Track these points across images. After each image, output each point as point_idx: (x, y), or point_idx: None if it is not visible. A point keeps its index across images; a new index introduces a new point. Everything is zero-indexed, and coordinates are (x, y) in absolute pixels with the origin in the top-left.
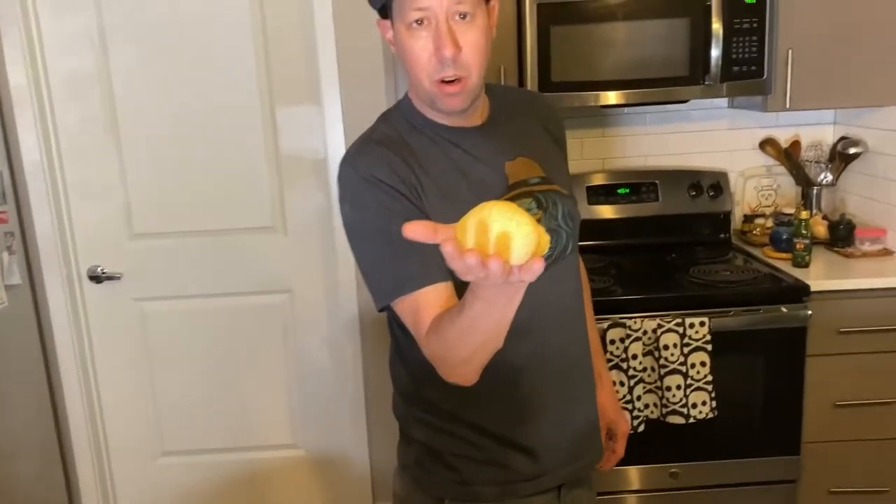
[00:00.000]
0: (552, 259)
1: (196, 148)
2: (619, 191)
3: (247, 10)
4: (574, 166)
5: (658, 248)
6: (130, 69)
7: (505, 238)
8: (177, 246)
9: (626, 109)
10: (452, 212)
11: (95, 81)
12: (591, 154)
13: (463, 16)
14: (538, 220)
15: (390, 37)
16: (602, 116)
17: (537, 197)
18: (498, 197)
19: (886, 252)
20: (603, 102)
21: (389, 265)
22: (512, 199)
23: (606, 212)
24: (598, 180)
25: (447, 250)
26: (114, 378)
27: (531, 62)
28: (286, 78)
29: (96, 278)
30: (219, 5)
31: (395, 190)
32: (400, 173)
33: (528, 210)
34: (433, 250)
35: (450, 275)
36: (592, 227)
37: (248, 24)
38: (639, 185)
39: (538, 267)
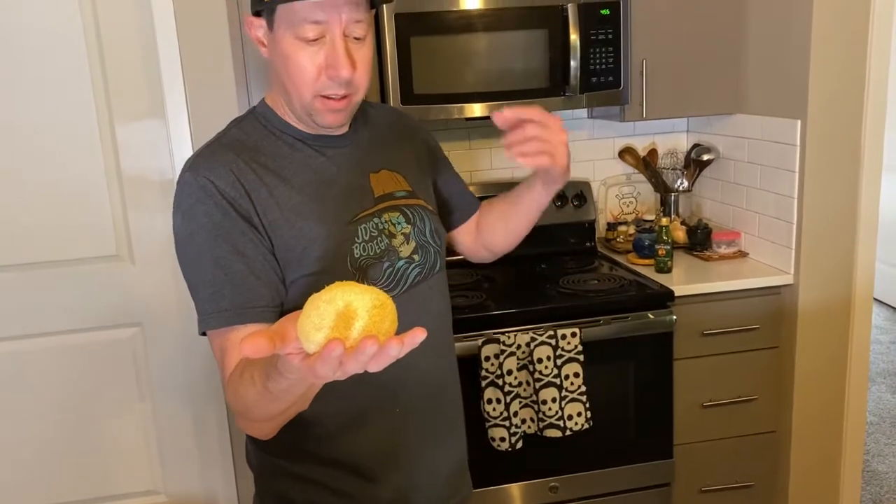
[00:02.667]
0: (422, 275)
1: (24, 172)
2: None
3: (78, 18)
4: None
5: (527, 259)
6: None
7: (374, 326)
8: (8, 280)
9: (489, 121)
10: (313, 225)
11: None
12: (458, 167)
13: (357, 38)
14: (408, 235)
15: (261, 36)
16: (468, 129)
17: (405, 211)
18: (365, 208)
19: (741, 254)
20: (467, 115)
21: (207, 291)
22: (379, 213)
23: None
24: None
25: (296, 359)
26: None
27: (392, 74)
28: (126, 91)
29: None
30: (47, 15)
31: (231, 204)
32: (243, 181)
33: (397, 224)
34: (252, 284)
35: (267, 316)
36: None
37: (81, 35)
38: None
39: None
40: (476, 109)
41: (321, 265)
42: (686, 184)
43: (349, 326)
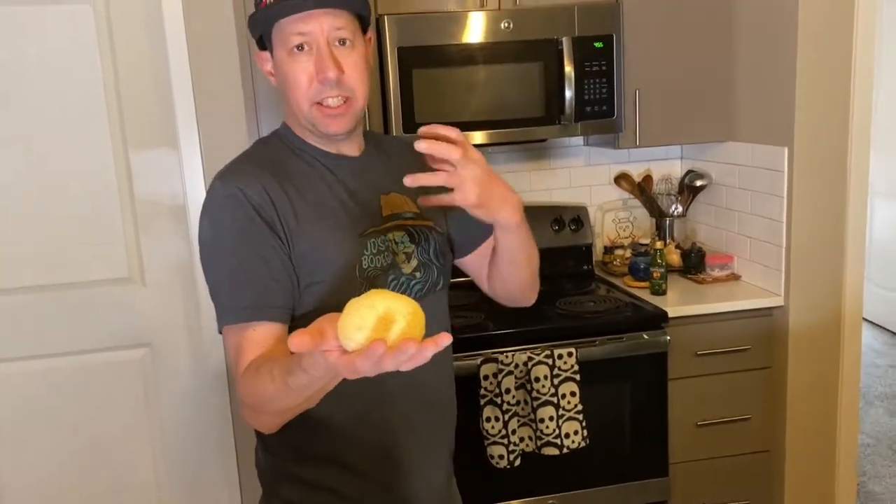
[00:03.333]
0: (423, 292)
1: (41, 197)
2: None
3: (95, 50)
4: None
5: None
6: None
7: (410, 330)
8: (21, 303)
9: (489, 149)
10: (328, 235)
11: None
12: None
13: (343, 42)
14: (411, 254)
15: (269, 68)
16: None
17: (410, 231)
18: (374, 225)
19: (734, 277)
20: None
21: (228, 290)
22: (386, 231)
23: None
24: None
25: (335, 356)
26: None
27: (394, 104)
28: (140, 121)
29: None
30: (66, 47)
31: (257, 212)
32: (269, 190)
33: (401, 242)
34: (271, 287)
35: (282, 316)
36: None
37: (98, 66)
38: None
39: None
40: (475, 137)
41: (332, 273)
42: (681, 209)
43: (388, 329)
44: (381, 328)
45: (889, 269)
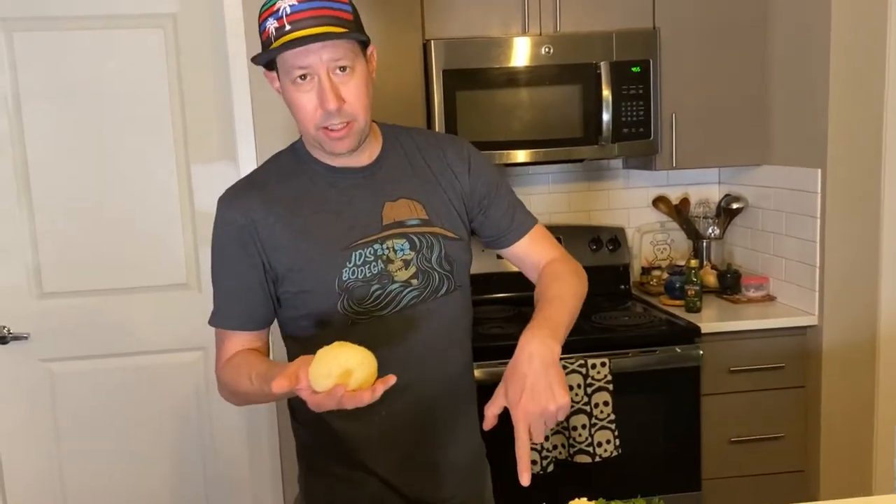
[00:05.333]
0: (421, 298)
1: (110, 206)
2: None
3: (164, 71)
4: None
5: None
6: (45, 131)
7: (364, 379)
8: (88, 305)
9: (530, 170)
10: (310, 252)
11: (8, 144)
12: None
13: (343, 69)
14: (409, 261)
15: (277, 87)
16: (509, 177)
17: (412, 239)
18: (368, 234)
19: (769, 298)
20: (506, 161)
21: (217, 298)
22: (384, 240)
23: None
24: None
25: (306, 394)
26: (16, 445)
27: (438, 125)
28: (202, 135)
29: (2, 339)
30: (135, 66)
31: (235, 238)
32: (254, 214)
33: (400, 250)
34: (248, 299)
35: (254, 326)
36: (502, 280)
37: (165, 85)
38: None
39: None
40: (516, 156)
41: (310, 285)
42: (717, 231)
43: (349, 376)
44: (344, 376)
45: None
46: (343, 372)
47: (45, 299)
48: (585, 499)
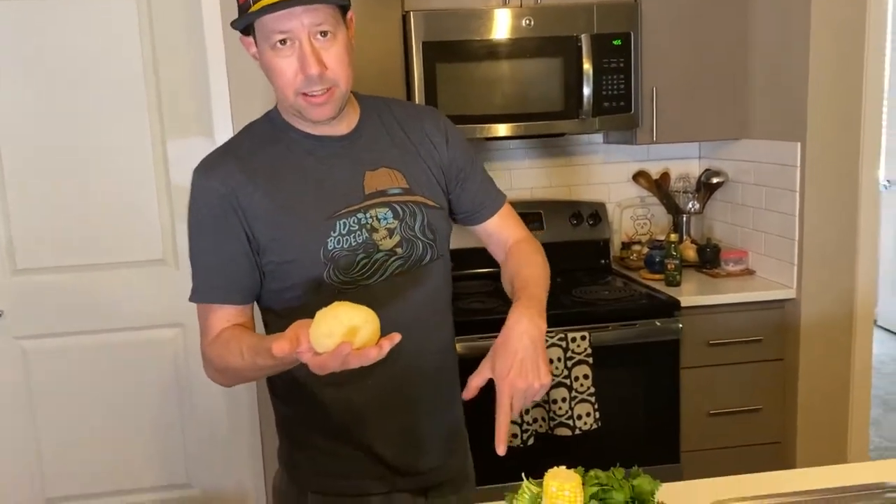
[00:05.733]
0: (406, 266)
1: (84, 182)
2: None
3: (136, 43)
4: None
5: None
6: (16, 104)
7: (369, 337)
8: (62, 281)
9: (511, 144)
10: (293, 222)
11: None
12: None
13: (324, 34)
14: (393, 230)
15: (254, 52)
16: (489, 151)
17: (394, 207)
18: (351, 203)
19: (748, 272)
20: (487, 135)
21: (197, 272)
22: (366, 209)
23: None
24: None
25: (307, 356)
26: None
27: (418, 97)
28: (177, 111)
29: None
30: (107, 38)
31: (220, 204)
32: (233, 183)
33: (383, 219)
34: (230, 271)
35: (238, 298)
36: (483, 255)
37: (139, 58)
38: (524, 214)
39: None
40: (497, 130)
41: (295, 254)
42: (697, 206)
43: (354, 335)
44: (349, 334)
45: None
46: (348, 330)
47: (18, 275)
48: (564, 467)
